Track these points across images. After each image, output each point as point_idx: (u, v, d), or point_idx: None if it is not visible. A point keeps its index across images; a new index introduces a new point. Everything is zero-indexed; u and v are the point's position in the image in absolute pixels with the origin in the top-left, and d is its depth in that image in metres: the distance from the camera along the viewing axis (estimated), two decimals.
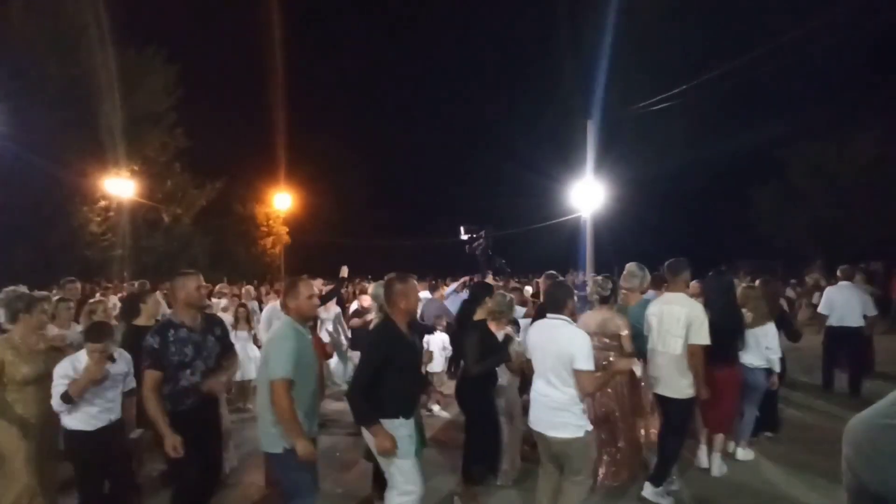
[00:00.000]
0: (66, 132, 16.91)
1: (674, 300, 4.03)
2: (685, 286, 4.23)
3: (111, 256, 18.94)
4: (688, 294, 4.21)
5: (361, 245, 27.03)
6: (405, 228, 32.18)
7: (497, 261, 6.01)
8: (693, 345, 3.84)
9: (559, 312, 3.28)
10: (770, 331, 4.64)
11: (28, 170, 15.83)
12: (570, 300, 3.35)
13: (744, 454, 4.75)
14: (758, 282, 5.21)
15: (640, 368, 3.70)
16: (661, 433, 4.13)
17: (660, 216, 27.40)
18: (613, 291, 4.34)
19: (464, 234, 5.96)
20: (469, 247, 5.93)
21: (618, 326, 4.12)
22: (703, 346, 3.84)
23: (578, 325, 3.37)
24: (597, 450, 3.76)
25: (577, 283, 11.68)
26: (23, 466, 3.34)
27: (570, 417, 3.11)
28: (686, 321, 3.87)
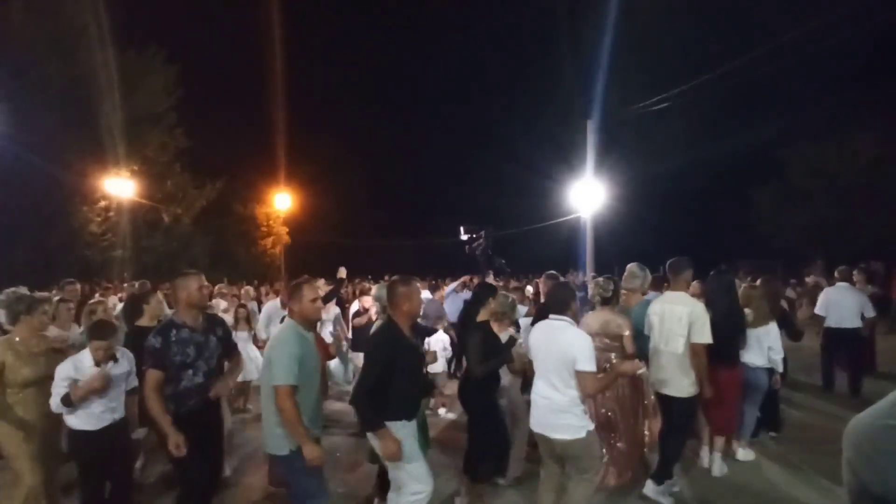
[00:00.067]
0: (66, 132, 16.87)
1: (675, 299, 4.04)
2: (687, 285, 4.24)
3: (111, 257, 18.88)
4: (689, 294, 4.21)
5: (361, 245, 27.11)
6: (405, 228, 32.25)
7: (497, 261, 6.00)
8: (695, 343, 3.85)
9: (562, 314, 3.27)
10: (773, 330, 4.65)
11: (28, 170, 15.78)
12: (574, 302, 3.35)
13: (744, 454, 4.75)
14: (759, 281, 5.22)
15: (644, 370, 3.70)
16: (663, 432, 4.13)
17: (660, 216, 27.41)
18: (615, 292, 4.33)
19: (464, 235, 5.95)
20: (469, 247, 5.91)
21: (619, 327, 4.12)
22: (706, 345, 3.85)
23: (580, 326, 3.37)
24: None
25: (578, 284, 11.67)
26: (28, 468, 3.34)
27: (572, 419, 3.11)
28: (688, 320, 3.88)
